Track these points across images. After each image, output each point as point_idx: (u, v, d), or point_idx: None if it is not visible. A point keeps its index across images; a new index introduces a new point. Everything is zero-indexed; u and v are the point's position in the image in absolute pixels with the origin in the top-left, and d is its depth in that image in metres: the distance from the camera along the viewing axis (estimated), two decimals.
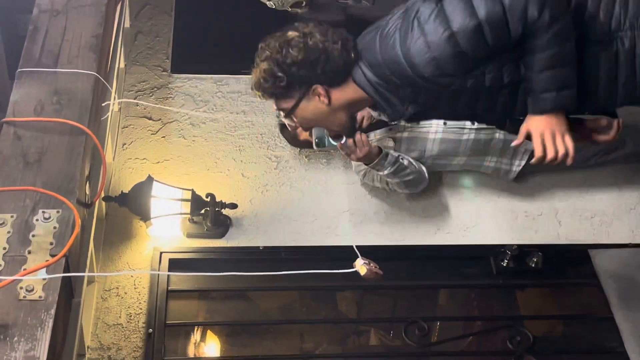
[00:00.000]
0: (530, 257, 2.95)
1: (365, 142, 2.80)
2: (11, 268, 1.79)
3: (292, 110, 2.26)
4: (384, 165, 2.91)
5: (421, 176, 3.03)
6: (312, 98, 2.23)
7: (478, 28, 2.00)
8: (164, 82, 3.48)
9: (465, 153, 3.09)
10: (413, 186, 3.05)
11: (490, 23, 2.00)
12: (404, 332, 2.79)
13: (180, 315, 2.80)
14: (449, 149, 3.07)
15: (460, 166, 3.17)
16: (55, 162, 2.00)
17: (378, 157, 2.88)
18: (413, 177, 2.99)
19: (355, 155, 2.83)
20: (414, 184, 3.03)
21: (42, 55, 2.24)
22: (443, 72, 2.07)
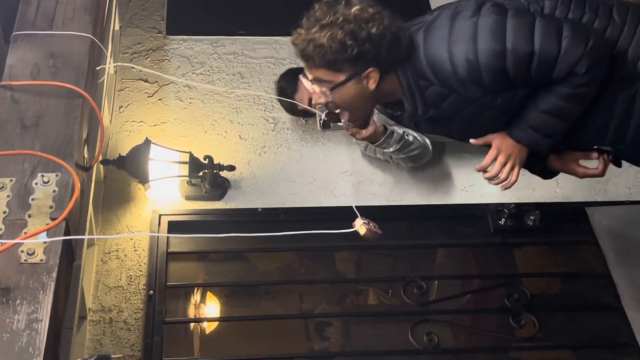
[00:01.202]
0: (528, 216, 2.97)
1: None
2: (11, 232, 1.79)
3: (337, 87, 2.15)
4: (390, 143, 2.89)
5: (426, 149, 3.00)
6: (361, 80, 2.14)
7: (529, 56, 2.04)
8: (160, 44, 3.46)
9: None
10: (418, 160, 3.04)
11: (540, 57, 2.04)
12: (403, 291, 2.82)
13: (180, 276, 2.81)
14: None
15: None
16: (53, 126, 1.99)
17: (383, 135, 2.86)
18: (418, 152, 2.98)
19: (361, 135, 2.80)
20: (418, 158, 3.02)
21: (37, 18, 2.22)
22: (479, 81, 2.09)
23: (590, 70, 2.05)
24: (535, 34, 2.04)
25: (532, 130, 2.20)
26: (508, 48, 2.03)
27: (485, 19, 2.06)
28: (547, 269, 2.98)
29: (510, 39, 2.03)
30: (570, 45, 2.03)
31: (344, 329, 2.92)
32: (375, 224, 1.82)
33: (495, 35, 2.04)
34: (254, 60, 3.44)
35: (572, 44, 2.03)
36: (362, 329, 2.90)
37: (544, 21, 2.06)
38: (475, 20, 2.06)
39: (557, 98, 2.12)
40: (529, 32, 2.04)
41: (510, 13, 2.07)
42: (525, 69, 2.06)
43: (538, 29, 2.04)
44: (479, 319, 2.89)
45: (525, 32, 2.04)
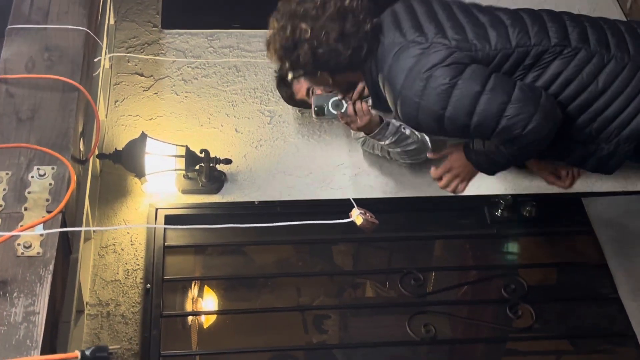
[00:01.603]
0: (525, 207, 2.97)
1: (366, 111, 2.75)
2: (8, 225, 1.80)
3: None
4: (385, 135, 2.84)
5: (424, 146, 2.93)
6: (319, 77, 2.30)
7: (466, 127, 2.15)
8: (155, 37, 3.45)
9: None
10: (415, 156, 2.97)
11: (477, 129, 2.16)
12: (400, 282, 2.82)
13: (178, 270, 2.82)
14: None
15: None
16: (49, 119, 1.99)
17: (379, 126, 2.82)
18: (416, 147, 2.91)
19: (356, 125, 2.77)
20: (416, 153, 2.95)
21: (32, 12, 2.22)
22: (417, 127, 2.33)
23: (525, 148, 2.16)
24: (476, 108, 2.11)
25: (479, 158, 2.36)
26: (446, 115, 2.13)
27: (438, 77, 2.11)
28: (544, 259, 2.99)
29: (450, 108, 2.12)
30: (508, 125, 2.11)
31: (341, 322, 2.92)
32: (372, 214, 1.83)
33: (439, 99, 2.12)
34: (249, 54, 3.43)
35: (511, 124, 2.10)
36: (359, 322, 2.91)
37: (489, 95, 2.10)
38: (430, 75, 2.12)
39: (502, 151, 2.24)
40: (470, 104, 2.11)
41: (463, 77, 2.11)
42: (462, 133, 2.20)
43: (481, 104, 2.11)
44: (476, 310, 2.90)
45: (465, 105, 2.11)
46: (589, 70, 2.16)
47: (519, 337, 2.78)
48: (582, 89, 2.18)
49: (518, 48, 2.15)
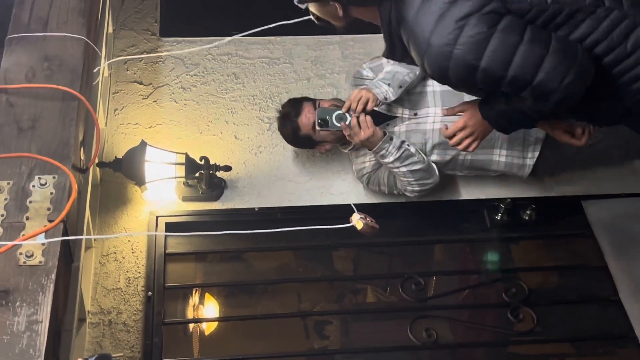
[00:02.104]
0: (524, 210, 2.98)
1: (369, 124, 2.73)
2: (10, 234, 1.80)
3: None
4: (389, 150, 2.78)
5: (430, 168, 2.86)
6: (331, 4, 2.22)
7: (500, 79, 2.06)
8: (153, 46, 3.45)
9: None
10: (422, 179, 2.85)
11: (512, 83, 2.06)
12: (401, 287, 2.83)
13: (179, 277, 2.82)
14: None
15: (470, 166, 2.93)
16: (49, 128, 2.00)
17: (381, 140, 2.77)
18: (421, 167, 2.82)
19: (359, 137, 2.74)
20: (422, 176, 2.84)
21: (31, 21, 2.22)
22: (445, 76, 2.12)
23: (558, 103, 2.07)
24: (513, 60, 2.03)
25: (499, 115, 2.27)
26: (481, 66, 2.04)
27: (471, 28, 2.02)
28: (544, 262, 3.00)
29: (486, 58, 2.03)
30: (545, 79, 2.03)
31: (343, 327, 2.92)
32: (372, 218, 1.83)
33: (474, 49, 2.03)
34: (248, 61, 3.44)
35: (548, 79, 2.03)
36: (361, 327, 2.91)
37: (527, 46, 2.03)
38: (463, 24, 2.02)
39: (528, 108, 2.16)
40: (508, 55, 2.03)
41: (500, 27, 2.03)
42: (494, 86, 2.09)
43: (518, 55, 2.02)
44: (478, 314, 2.90)
45: (503, 56, 2.03)
46: (619, 31, 2.09)
47: (521, 341, 2.79)
48: (610, 50, 2.10)
49: (554, 4, 2.07)
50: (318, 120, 2.75)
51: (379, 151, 2.78)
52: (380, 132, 2.78)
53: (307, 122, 2.89)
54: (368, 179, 2.96)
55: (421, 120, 2.87)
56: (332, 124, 2.76)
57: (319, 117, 2.76)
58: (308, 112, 2.88)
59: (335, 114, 2.77)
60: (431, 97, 2.89)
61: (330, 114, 2.76)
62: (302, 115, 2.90)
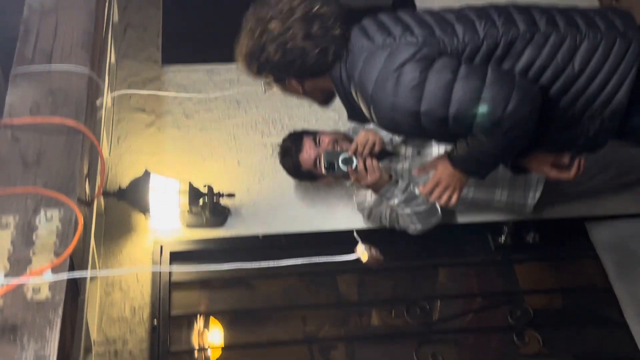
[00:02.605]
0: (527, 232, 2.98)
1: (376, 167, 2.74)
2: (17, 269, 1.80)
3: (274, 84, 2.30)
4: (394, 193, 2.79)
5: (433, 208, 2.85)
6: (288, 84, 2.27)
7: (444, 120, 2.07)
8: (156, 74, 3.47)
9: (470, 183, 2.83)
10: (425, 219, 2.87)
11: (456, 120, 2.07)
12: (406, 312, 2.83)
13: (184, 306, 2.83)
14: None
15: (471, 202, 2.96)
16: (54, 162, 2.00)
17: (388, 183, 2.78)
18: (425, 209, 2.83)
19: (365, 181, 2.75)
20: (426, 216, 2.86)
21: (35, 56, 2.23)
22: (396, 129, 2.23)
23: (511, 132, 2.07)
24: (451, 98, 2.04)
25: (466, 161, 2.27)
26: (422, 110, 2.06)
27: (407, 74, 2.06)
28: (549, 284, 3.01)
29: (425, 101, 2.05)
30: (487, 111, 2.03)
31: (348, 351, 2.93)
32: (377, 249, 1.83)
33: (412, 95, 2.06)
34: (249, 87, 3.44)
35: (490, 110, 2.03)
36: (366, 351, 2.91)
37: (462, 82, 2.04)
38: (399, 73, 2.06)
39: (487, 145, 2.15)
40: (445, 94, 2.04)
41: (433, 69, 2.06)
42: (441, 128, 2.11)
43: (455, 92, 2.04)
44: (483, 338, 2.90)
45: (440, 96, 2.04)
46: (562, 53, 2.10)
47: None
48: (559, 73, 2.11)
49: (487, 39, 2.09)
50: (325, 164, 2.76)
51: (384, 193, 2.79)
52: (386, 175, 2.79)
53: (308, 158, 2.89)
54: (369, 213, 2.95)
55: (424, 160, 2.89)
56: (338, 168, 2.77)
57: (326, 161, 2.76)
58: (309, 149, 2.89)
59: (342, 158, 2.77)
60: None
61: (336, 158, 2.77)
62: (303, 152, 2.90)
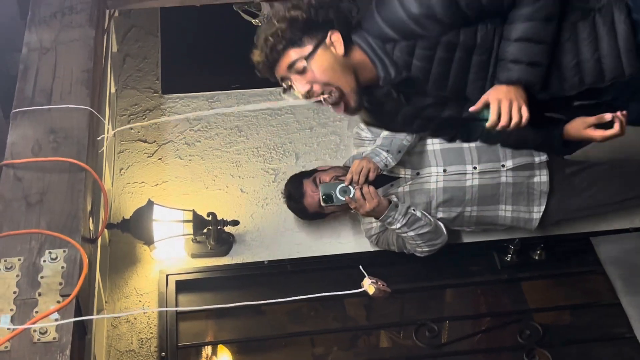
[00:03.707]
0: (534, 250, 2.98)
1: (373, 194, 2.75)
2: (23, 312, 1.80)
3: (309, 57, 2.11)
4: (395, 218, 2.79)
5: (437, 229, 2.87)
6: (328, 47, 2.12)
7: None
8: (156, 103, 3.48)
9: (473, 202, 2.88)
10: (431, 241, 2.87)
11: None
12: (414, 335, 2.82)
13: (191, 336, 2.82)
14: (454, 198, 2.88)
15: (476, 221, 2.96)
16: (57, 201, 2.00)
17: (387, 208, 2.78)
18: (429, 230, 2.83)
19: (364, 209, 2.75)
20: (431, 237, 2.86)
21: (35, 94, 2.23)
22: (434, 16, 2.04)
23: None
24: None
25: (513, 64, 2.12)
26: None
27: None
28: (557, 302, 2.99)
29: None
30: None
31: None
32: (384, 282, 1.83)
33: None
34: (250, 113, 3.47)
35: None
36: None
37: None
38: None
39: (521, 21, 2.06)
40: None
41: None
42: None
43: None
44: (493, 358, 2.89)
45: None
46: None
47: None
48: None
49: None
50: (322, 197, 2.78)
51: (385, 219, 2.79)
52: (385, 201, 2.79)
53: (312, 201, 2.90)
54: (377, 239, 2.96)
55: (424, 180, 2.90)
56: (336, 199, 2.78)
57: (323, 194, 2.78)
58: (311, 192, 2.89)
59: (339, 188, 2.78)
60: (432, 156, 2.91)
61: (333, 189, 2.78)
62: (306, 197, 2.91)
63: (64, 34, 2.42)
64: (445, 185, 2.87)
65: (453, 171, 2.88)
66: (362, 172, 2.79)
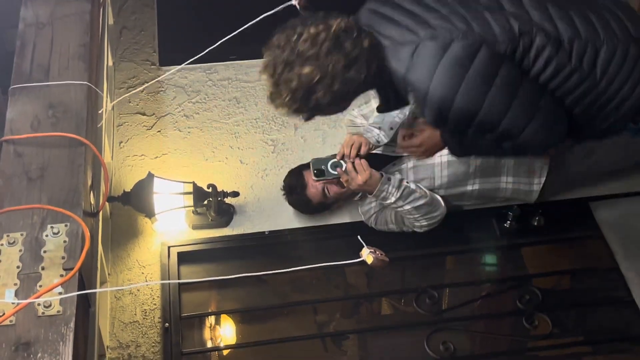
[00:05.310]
0: (532, 216, 2.99)
1: (365, 166, 2.72)
2: (27, 285, 1.82)
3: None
4: (389, 191, 2.75)
5: (434, 201, 2.82)
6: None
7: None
8: (154, 75, 3.47)
9: (476, 174, 2.86)
10: (428, 213, 2.82)
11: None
12: (415, 302, 2.85)
13: (194, 306, 2.85)
14: (459, 173, 2.85)
15: (477, 195, 2.93)
16: (58, 176, 2.02)
17: (379, 182, 2.74)
18: (425, 202, 2.79)
19: (356, 182, 2.72)
20: (428, 210, 2.81)
21: (33, 70, 2.24)
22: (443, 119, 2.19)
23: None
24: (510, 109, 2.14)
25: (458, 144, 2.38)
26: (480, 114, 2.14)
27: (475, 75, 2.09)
28: (556, 267, 3.01)
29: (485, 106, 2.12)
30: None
31: (360, 342, 2.95)
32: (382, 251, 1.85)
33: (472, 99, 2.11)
34: (248, 84, 3.47)
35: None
36: (378, 341, 2.93)
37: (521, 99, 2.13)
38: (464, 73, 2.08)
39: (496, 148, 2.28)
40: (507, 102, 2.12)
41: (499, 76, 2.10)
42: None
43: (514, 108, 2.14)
44: (493, 324, 2.91)
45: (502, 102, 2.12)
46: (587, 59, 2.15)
47: (538, 347, 2.80)
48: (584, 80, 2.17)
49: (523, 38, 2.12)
50: (314, 171, 2.77)
51: (379, 194, 2.76)
52: (377, 174, 2.76)
53: (315, 191, 2.88)
54: (375, 219, 2.92)
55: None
56: (328, 173, 2.78)
57: (314, 168, 2.78)
58: (313, 182, 2.86)
59: (330, 162, 2.79)
60: None
61: (325, 163, 2.79)
62: (309, 187, 2.88)
63: (60, 9, 2.43)
64: (450, 159, 2.82)
65: None
66: (353, 146, 2.77)
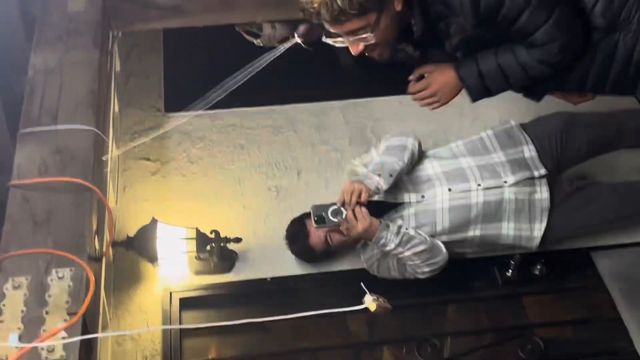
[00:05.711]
0: (534, 265, 2.99)
1: (365, 215, 2.73)
2: (31, 330, 1.83)
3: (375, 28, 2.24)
4: (389, 238, 2.75)
5: (434, 247, 2.82)
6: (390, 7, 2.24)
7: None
8: (159, 122, 3.49)
9: (477, 220, 2.86)
10: (429, 259, 2.82)
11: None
12: (417, 350, 2.83)
13: (195, 352, 2.84)
14: (460, 218, 2.86)
15: (479, 242, 2.94)
16: (64, 221, 2.04)
17: (378, 229, 2.75)
18: (425, 248, 2.78)
19: (356, 230, 2.72)
20: (428, 256, 2.81)
21: (41, 115, 2.28)
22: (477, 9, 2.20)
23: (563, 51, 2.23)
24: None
25: (478, 76, 2.34)
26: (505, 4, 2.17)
27: None
28: (558, 316, 3.01)
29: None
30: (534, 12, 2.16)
31: None
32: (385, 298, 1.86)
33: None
34: (252, 131, 3.50)
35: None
36: None
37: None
38: None
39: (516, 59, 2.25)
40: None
41: None
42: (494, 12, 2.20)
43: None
44: None
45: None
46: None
47: None
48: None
49: None
50: (314, 218, 2.78)
51: (378, 241, 2.76)
52: (376, 221, 2.77)
53: (318, 240, 2.89)
54: (378, 266, 2.92)
55: (430, 202, 2.87)
56: (328, 220, 2.78)
57: (315, 215, 2.78)
58: (315, 230, 2.87)
59: (331, 210, 2.79)
60: (435, 178, 2.91)
61: (325, 210, 2.79)
62: (312, 236, 2.90)
63: (68, 56, 2.47)
64: (451, 205, 2.83)
65: (458, 189, 2.86)
66: (353, 193, 2.76)
